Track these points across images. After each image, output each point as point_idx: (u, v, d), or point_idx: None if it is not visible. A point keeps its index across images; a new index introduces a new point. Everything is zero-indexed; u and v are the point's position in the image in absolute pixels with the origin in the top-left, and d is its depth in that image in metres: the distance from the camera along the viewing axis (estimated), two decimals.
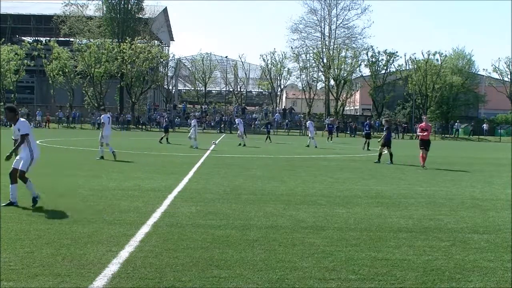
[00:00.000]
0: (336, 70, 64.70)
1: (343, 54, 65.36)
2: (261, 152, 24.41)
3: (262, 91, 78.99)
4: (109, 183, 11.20)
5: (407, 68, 65.78)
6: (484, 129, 59.79)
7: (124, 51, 60.60)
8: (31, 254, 5.50)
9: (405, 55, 75.31)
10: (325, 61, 66.22)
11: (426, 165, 17.25)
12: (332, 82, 66.32)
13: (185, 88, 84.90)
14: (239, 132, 30.95)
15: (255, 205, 8.87)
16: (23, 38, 77.37)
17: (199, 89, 73.09)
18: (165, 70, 74.28)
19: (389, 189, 11.57)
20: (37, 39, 73.44)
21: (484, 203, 9.97)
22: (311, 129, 33.26)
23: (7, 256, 5.39)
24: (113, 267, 5.11)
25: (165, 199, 9.20)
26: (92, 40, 64.25)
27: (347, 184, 12.37)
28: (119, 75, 62.53)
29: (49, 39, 67.24)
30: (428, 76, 63.37)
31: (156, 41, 71.32)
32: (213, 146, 27.12)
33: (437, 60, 64.28)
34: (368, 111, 72.62)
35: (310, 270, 5.22)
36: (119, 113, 62.01)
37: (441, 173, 15.84)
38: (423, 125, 18.15)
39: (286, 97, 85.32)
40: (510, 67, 64.12)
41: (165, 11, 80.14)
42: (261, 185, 11.55)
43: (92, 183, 11.19)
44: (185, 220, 7.47)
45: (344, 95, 66.59)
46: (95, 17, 66.79)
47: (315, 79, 68.93)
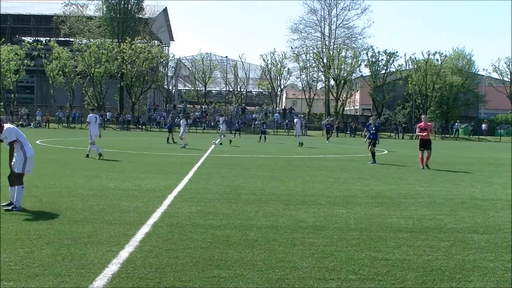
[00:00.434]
0: (336, 70, 64.70)
1: (343, 54, 65.39)
2: (261, 152, 24.42)
3: (262, 91, 79.04)
4: (109, 183, 11.19)
5: (407, 68, 65.77)
6: (483, 129, 59.81)
7: (124, 51, 60.64)
8: (31, 254, 5.49)
9: (405, 55, 75.58)
10: (325, 61, 66.22)
11: (429, 165, 17.08)
12: (332, 82, 66.36)
13: (185, 88, 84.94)
14: (221, 130, 31.72)
15: (255, 205, 8.87)
16: (23, 38, 77.40)
17: (199, 89, 73.12)
18: (165, 70, 74.33)
19: (389, 189, 11.56)
20: (37, 39, 73.44)
21: (484, 203, 9.97)
22: (297, 126, 33.36)
23: (7, 256, 5.38)
24: (113, 267, 5.11)
25: (165, 199, 9.20)
26: (92, 40, 64.31)
27: (347, 184, 12.36)
28: (119, 75, 62.59)
29: (49, 39, 67.32)
30: (428, 76, 63.36)
31: (156, 41, 71.35)
32: (213, 146, 27.18)
33: (437, 60, 64.32)
34: (368, 111, 72.60)
35: (310, 270, 5.22)
36: (119, 113, 62.03)
37: (441, 173, 15.82)
38: (422, 124, 17.78)
39: (286, 97, 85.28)
40: (510, 67, 64.19)
41: (165, 11, 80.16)
42: (261, 185, 11.54)
43: (92, 183, 11.18)
44: (185, 220, 7.46)
45: (344, 95, 66.61)
46: (95, 17, 66.83)
47: (315, 79, 69.07)
